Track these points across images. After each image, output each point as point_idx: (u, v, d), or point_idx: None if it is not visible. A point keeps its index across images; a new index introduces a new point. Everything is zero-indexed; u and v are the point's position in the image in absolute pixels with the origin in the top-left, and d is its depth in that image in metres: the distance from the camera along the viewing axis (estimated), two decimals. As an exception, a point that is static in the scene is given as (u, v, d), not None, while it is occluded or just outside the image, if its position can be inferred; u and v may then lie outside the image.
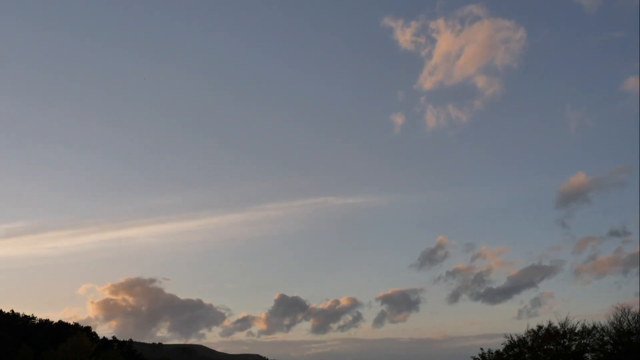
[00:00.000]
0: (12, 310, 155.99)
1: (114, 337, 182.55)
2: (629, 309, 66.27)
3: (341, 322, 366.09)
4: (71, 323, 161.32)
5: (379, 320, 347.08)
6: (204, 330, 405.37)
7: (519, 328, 76.49)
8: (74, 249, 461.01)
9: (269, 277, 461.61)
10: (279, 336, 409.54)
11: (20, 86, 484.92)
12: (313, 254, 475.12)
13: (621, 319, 66.23)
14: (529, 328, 72.92)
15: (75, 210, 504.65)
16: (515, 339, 73.08)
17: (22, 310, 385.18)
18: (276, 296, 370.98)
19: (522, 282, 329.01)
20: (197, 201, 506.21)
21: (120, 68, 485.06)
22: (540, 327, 71.83)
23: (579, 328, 69.20)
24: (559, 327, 70.06)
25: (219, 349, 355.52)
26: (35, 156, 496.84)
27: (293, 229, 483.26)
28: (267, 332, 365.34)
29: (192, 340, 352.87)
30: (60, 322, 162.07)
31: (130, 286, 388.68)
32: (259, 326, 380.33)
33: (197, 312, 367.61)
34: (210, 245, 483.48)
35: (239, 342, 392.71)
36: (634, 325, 65.30)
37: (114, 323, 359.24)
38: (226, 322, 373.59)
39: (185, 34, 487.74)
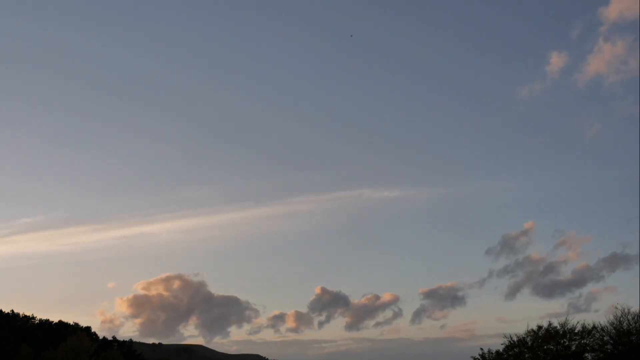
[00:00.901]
0: (12, 310, 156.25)
1: (114, 337, 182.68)
2: (629, 309, 66.39)
3: (380, 318, 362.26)
4: (99, 322, 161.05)
5: (416, 317, 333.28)
6: (232, 328, 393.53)
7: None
8: (96, 244, 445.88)
9: (309, 272, 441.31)
10: (308, 334, 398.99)
11: (48, 87, 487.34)
12: (353, 247, 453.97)
13: (621, 319, 66.27)
14: (529, 328, 73.06)
15: (97, 204, 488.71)
16: (515, 339, 73.08)
17: (45, 309, 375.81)
18: (317, 290, 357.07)
19: (590, 275, 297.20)
20: (224, 195, 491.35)
21: (134, 68, 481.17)
22: (540, 327, 71.85)
23: (579, 328, 69.30)
24: (558, 327, 70.12)
25: (218, 349, 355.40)
26: (56, 151, 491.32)
27: (327, 223, 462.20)
28: (295, 329, 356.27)
29: (217, 339, 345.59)
30: (60, 322, 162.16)
31: (160, 283, 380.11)
32: (291, 323, 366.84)
33: (231, 309, 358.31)
34: (241, 240, 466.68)
35: (248, 342, 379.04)
36: (634, 325, 65.30)
37: (139, 321, 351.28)
38: (260, 319, 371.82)
39: (207, 36, 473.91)
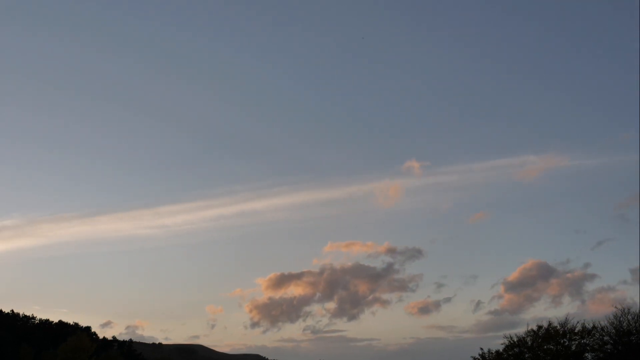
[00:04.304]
0: (12, 310, 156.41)
1: (114, 337, 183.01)
2: (629, 309, 66.39)
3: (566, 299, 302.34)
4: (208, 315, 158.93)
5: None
6: (365, 315, 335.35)
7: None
8: (188, 227, 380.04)
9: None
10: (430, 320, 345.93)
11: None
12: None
13: (621, 319, 66.23)
14: (529, 328, 73.16)
15: (184, 181, 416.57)
16: (515, 339, 73.21)
17: (130, 306, 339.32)
18: (528, 263, 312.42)
19: None
20: (343, 164, 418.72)
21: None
22: (540, 327, 71.91)
23: (578, 328, 69.29)
24: (558, 326, 70.16)
25: (218, 349, 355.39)
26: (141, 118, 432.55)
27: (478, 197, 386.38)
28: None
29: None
30: (60, 321, 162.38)
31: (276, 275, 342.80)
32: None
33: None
34: (379, 216, 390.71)
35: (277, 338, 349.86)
36: (634, 325, 65.25)
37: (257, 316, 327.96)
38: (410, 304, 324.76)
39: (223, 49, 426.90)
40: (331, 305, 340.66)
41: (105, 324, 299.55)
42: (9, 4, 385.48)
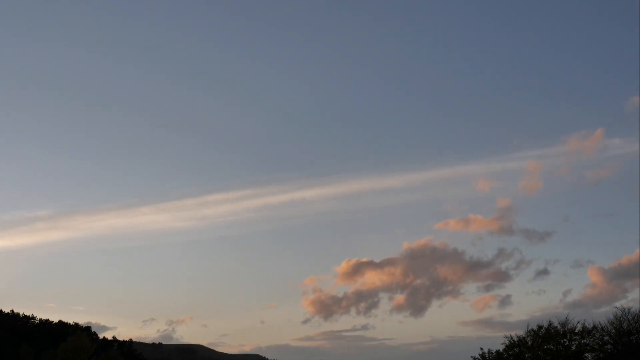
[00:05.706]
0: (12, 310, 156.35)
1: (113, 337, 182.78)
2: (629, 309, 66.44)
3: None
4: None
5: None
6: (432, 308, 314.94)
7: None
8: (231, 218, 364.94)
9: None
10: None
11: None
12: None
13: (621, 319, 66.26)
14: (529, 328, 73.10)
15: (228, 169, 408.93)
16: (516, 339, 73.14)
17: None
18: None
19: None
20: (391, 155, 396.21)
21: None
22: (540, 327, 71.85)
23: (579, 328, 69.27)
24: (559, 326, 70.11)
25: (218, 349, 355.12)
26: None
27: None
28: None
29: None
30: (60, 321, 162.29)
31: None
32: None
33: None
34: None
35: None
36: (634, 325, 65.29)
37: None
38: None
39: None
40: (400, 297, 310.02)
41: (147, 320, 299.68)
42: (9, 4, 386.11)
